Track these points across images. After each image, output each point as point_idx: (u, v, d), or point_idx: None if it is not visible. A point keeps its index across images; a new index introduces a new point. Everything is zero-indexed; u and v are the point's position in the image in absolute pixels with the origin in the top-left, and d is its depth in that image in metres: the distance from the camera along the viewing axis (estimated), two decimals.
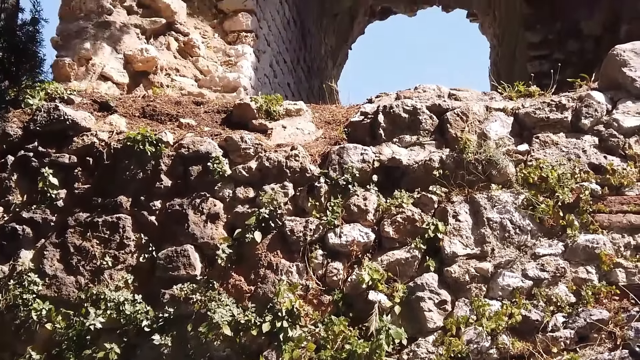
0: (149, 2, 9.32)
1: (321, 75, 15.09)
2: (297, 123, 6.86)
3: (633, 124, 5.84)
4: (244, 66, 9.76)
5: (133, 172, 6.42)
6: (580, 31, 10.15)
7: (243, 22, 10.02)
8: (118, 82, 8.87)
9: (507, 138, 6.03)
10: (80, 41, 8.94)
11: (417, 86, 6.79)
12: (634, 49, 6.00)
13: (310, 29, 13.99)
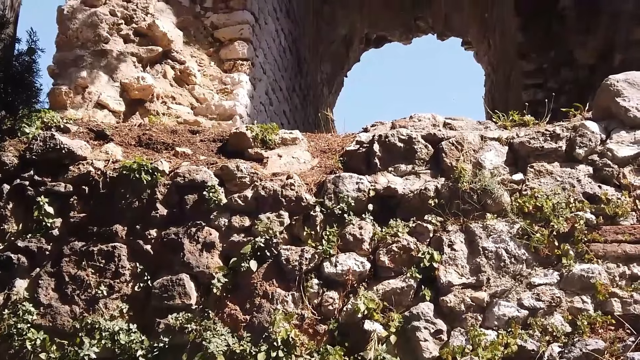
0: (146, 30, 9.36)
1: (317, 102, 15.14)
2: (293, 152, 6.88)
3: (627, 153, 5.86)
4: (240, 94, 9.79)
5: (129, 200, 6.43)
6: (574, 60, 10.21)
7: (239, 50, 10.05)
8: (114, 110, 8.89)
9: (501, 167, 6.05)
10: (76, 69, 8.98)
11: (412, 115, 6.83)
12: (628, 79, 6.04)
13: (306, 56, 14.06)
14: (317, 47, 14.81)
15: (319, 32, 14.80)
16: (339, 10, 15.24)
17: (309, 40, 14.24)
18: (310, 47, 14.36)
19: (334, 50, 15.62)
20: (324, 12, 14.93)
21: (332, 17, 15.21)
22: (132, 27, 9.37)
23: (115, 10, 9.29)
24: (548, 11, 10.59)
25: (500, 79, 12.94)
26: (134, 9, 9.42)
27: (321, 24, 14.88)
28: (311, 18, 14.36)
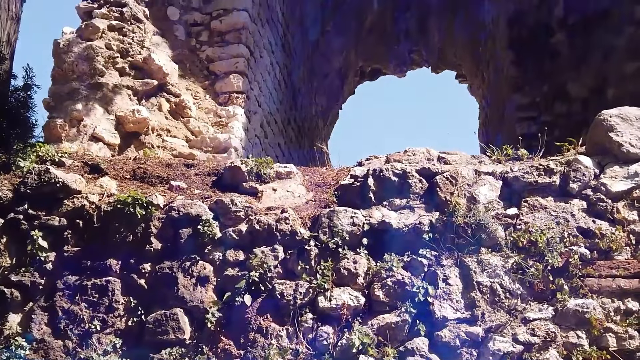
0: (141, 64, 9.41)
1: (312, 134, 15.19)
2: (288, 186, 6.89)
3: (621, 188, 5.88)
4: (234, 127, 9.83)
5: (123, 234, 6.41)
6: (567, 93, 10.28)
7: (234, 83, 10.12)
8: (109, 143, 8.91)
9: (496, 202, 6.06)
10: (72, 102, 9.01)
11: (406, 149, 6.84)
12: (620, 114, 6.07)
13: (300, 89, 14.13)
14: (312, 79, 14.88)
15: (314, 65, 14.89)
16: (334, 44, 15.33)
17: (304, 73, 14.32)
18: (305, 80, 14.43)
19: (328, 83, 15.70)
20: (319, 45, 15.02)
21: (327, 50, 15.30)
22: (128, 60, 9.42)
23: (111, 44, 9.34)
24: (541, 46, 10.67)
25: (494, 112, 13.00)
26: (130, 43, 9.47)
27: (316, 56, 14.97)
28: (306, 51, 14.45)
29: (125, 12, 9.55)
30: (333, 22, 14.99)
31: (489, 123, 13.60)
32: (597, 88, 9.92)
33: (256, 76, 10.87)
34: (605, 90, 9.81)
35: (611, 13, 9.92)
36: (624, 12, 9.84)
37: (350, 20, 15.30)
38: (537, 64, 10.67)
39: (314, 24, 14.58)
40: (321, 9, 14.87)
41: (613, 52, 9.87)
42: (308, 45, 14.50)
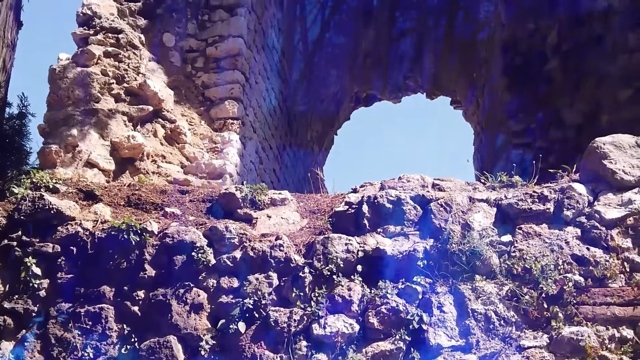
0: (137, 90, 9.43)
1: (307, 160, 15.21)
2: (282, 212, 6.89)
3: (615, 215, 5.88)
4: (230, 153, 9.85)
5: (117, 261, 6.40)
6: (561, 120, 10.31)
7: (229, 109, 10.14)
8: (104, 169, 8.90)
9: (490, 229, 6.06)
10: (67, 128, 9.01)
11: (401, 176, 6.86)
12: (614, 142, 6.10)
13: (296, 114, 14.16)
14: (307, 105, 14.92)
15: (309, 91, 14.94)
16: (329, 70, 15.39)
17: (299, 99, 14.36)
18: (300, 106, 14.46)
19: (324, 109, 15.75)
20: (314, 71, 15.09)
21: (322, 76, 15.36)
22: (124, 86, 9.43)
23: (107, 70, 9.36)
24: (535, 72, 10.73)
25: (488, 138, 13.03)
26: (126, 69, 9.49)
27: (311, 82, 15.03)
28: (301, 77, 14.51)
29: (121, 38, 9.58)
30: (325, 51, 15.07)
31: (484, 149, 13.63)
32: (591, 114, 9.96)
33: (251, 102, 10.90)
34: (599, 116, 9.86)
35: (604, 40, 9.99)
36: (617, 39, 9.91)
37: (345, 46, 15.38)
38: (532, 90, 10.72)
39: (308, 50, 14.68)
40: (316, 35, 14.98)
41: (607, 79, 9.92)
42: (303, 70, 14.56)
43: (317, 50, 14.95)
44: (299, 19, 14.47)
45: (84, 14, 9.65)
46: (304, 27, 14.69)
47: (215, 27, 10.49)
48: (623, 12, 9.93)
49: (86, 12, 9.65)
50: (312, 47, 14.93)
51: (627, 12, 9.91)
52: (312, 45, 14.90)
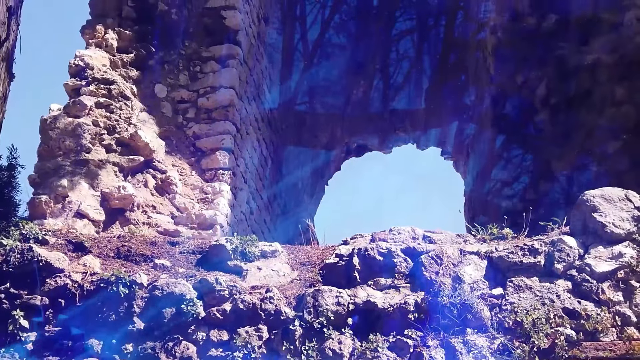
0: (128, 140, 9.43)
1: (298, 210, 15.18)
2: (273, 264, 6.87)
3: (605, 269, 5.88)
4: (220, 204, 9.82)
5: (105, 314, 6.35)
6: (551, 171, 10.35)
7: (220, 160, 10.14)
8: (94, 219, 8.86)
9: (481, 282, 6.05)
10: (57, 179, 8.98)
11: (392, 228, 6.85)
12: (603, 195, 6.13)
13: (287, 165, 14.18)
14: (298, 155, 14.96)
15: (300, 141, 14.98)
16: (320, 120, 15.47)
17: (290, 149, 14.40)
18: (291, 156, 14.50)
19: (314, 159, 15.78)
20: (306, 121, 15.16)
21: (313, 127, 15.42)
22: (115, 137, 9.44)
23: (98, 121, 9.37)
24: (524, 124, 10.80)
25: (479, 189, 13.06)
26: (117, 119, 9.51)
27: (302, 133, 15.08)
28: (292, 128, 14.57)
29: (113, 89, 9.61)
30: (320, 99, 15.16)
31: (474, 200, 13.64)
32: (580, 166, 10.01)
33: (242, 153, 10.92)
34: (588, 168, 9.90)
35: (592, 93, 10.08)
36: (605, 92, 10.01)
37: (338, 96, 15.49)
38: (521, 142, 10.78)
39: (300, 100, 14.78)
40: (308, 84, 15.09)
41: (595, 131, 10.00)
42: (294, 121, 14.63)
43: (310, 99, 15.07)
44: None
45: (76, 65, 9.69)
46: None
47: (207, 78, 10.53)
48: (610, 66, 10.05)
49: (78, 63, 9.69)
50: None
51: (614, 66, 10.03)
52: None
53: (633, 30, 9.97)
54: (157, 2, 10.60)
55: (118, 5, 10.52)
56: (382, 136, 16.19)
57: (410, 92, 15.85)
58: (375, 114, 15.75)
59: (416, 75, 15.84)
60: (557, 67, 10.32)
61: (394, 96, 15.78)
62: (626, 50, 10.01)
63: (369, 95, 15.77)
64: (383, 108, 15.78)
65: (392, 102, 15.79)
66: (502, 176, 11.11)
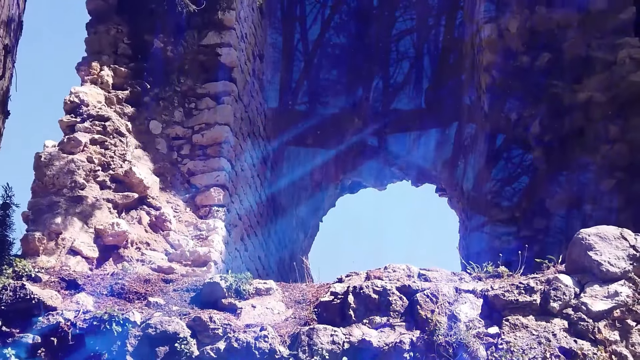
0: (123, 177, 9.42)
1: (292, 247, 15.14)
2: (267, 302, 6.83)
3: (601, 307, 5.87)
4: (215, 240, 9.79)
5: (98, 352, 6.30)
6: (546, 209, 10.37)
7: (215, 196, 10.13)
8: (87, 256, 8.82)
9: (477, 320, 6.02)
10: (51, 215, 8.95)
11: (387, 266, 6.84)
12: (599, 233, 6.13)
13: (281, 202, 14.17)
14: (292, 192, 14.95)
15: (294, 178, 14.99)
16: (314, 157, 15.48)
17: (285, 187, 14.41)
18: (286, 193, 14.50)
19: (309, 196, 15.78)
20: (300, 158, 15.17)
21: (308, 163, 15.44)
22: (109, 173, 9.43)
23: (93, 157, 9.37)
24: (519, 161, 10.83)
25: (474, 226, 13.05)
26: (112, 156, 9.51)
27: (297, 169, 15.09)
28: (286, 164, 14.58)
29: (108, 126, 9.62)
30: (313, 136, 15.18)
31: (469, 237, 13.64)
32: (575, 204, 10.03)
33: (237, 189, 10.91)
34: (582, 206, 9.93)
35: (586, 131, 10.14)
36: (599, 130, 10.07)
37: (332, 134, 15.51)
38: (516, 179, 10.81)
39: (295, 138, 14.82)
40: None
41: (589, 169, 10.04)
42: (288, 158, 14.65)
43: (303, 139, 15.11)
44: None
45: (71, 102, 9.70)
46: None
47: (202, 114, 10.56)
48: (604, 104, 10.12)
49: (74, 100, 9.71)
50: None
51: (608, 104, 10.11)
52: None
53: (626, 69, 10.07)
54: (153, 39, 10.64)
55: (114, 43, 10.57)
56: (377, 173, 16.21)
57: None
58: (371, 149, 15.76)
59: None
60: (551, 105, 10.38)
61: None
62: (619, 88, 10.10)
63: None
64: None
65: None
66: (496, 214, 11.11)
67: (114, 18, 10.70)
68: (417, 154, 15.34)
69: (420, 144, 15.47)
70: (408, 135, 15.61)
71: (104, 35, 10.57)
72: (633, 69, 10.09)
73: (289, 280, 8.39)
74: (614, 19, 10.59)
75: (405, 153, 15.50)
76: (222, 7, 10.77)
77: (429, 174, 15.95)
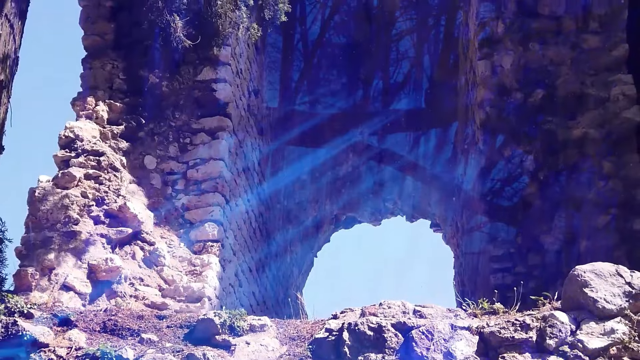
0: (117, 212, 9.41)
1: (287, 283, 15.09)
2: (261, 339, 6.78)
3: (598, 345, 5.84)
4: (209, 276, 9.75)
5: None
6: (540, 245, 10.36)
7: (209, 232, 10.10)
8: (80, 292, 8.77)
9: (473, 357, 5.99)
10: (44, 251, 8.92)
11: (382, 302, 6.81)
12: (594, 270, 6.12)
13: (275, 237, 14.15)
14: (287, 228, 14.95)
15: (289, 213, 15.00)
16: (308, 192, 15.50)
17: (279, 222, 14.40)
18: (280, 228, 14.49)
19: (303, 231, 15.76)
20: (294, 196, 15.20)
21: (302, 199, 15.46)
22: (103, 208, 9.42)
23: (87, 192, 9.36)
24: (513, 197, 10.84)
25: (468, 262, 13.03)
26: (106, 191, 9.50)
27: (291, 205, 15.11)
28: (281, 200, 14.59)
29: (102, 161, 9.62)
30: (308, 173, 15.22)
31: (464, 273, 13.61)
32: (569, 240, 10.03)
33: (231, 224, 10.89)
34: (577, 242, 9.93)
35: (580, 167, 10.18)
36: (593, 166, 10.11)
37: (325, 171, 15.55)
38: (510, 215, 10.80)
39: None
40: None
41: (584, 205, 10.07)
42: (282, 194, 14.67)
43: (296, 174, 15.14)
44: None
45: (66, 136, 9.71)
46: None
47: (196, 150, 10.57)
48: (598, 140, 10.18)
49: (68, 135, 9.72)
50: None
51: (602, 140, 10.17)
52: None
53: (619, 105, 10.15)
54: (148, 74, 10.70)
55: (109, 78, 10.62)
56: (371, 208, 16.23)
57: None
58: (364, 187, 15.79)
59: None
60: (545, 141, 10.42)
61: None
62: (613, 125, 10.16)
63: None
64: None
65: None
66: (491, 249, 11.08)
67: (109, 54, 10.77)
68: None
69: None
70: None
71: (100, 70, 10.63)
72: (626, 106, 10.18)
73: (284, 316, 8.34)
74: (607, 56, 10.70)
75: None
76: (217, 43, 10.82)
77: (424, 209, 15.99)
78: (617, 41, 10.73)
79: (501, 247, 10.59)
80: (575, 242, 9.97)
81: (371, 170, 15.80)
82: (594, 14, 10.88)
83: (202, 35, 10.67)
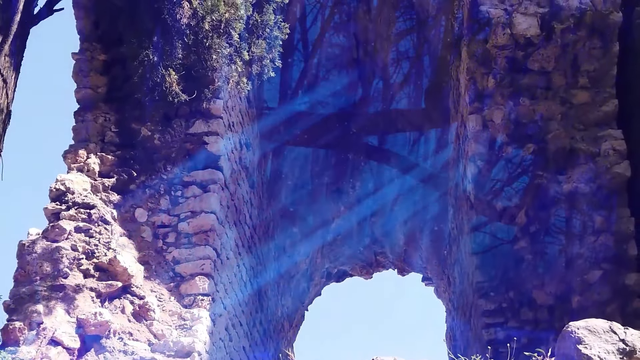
0: (107, 265, 9.35)
1: (277, 336, 14.98)
2: None
3: None
4: (199, 330, 9.65)
5: None
6: (533, 300, 10.35)
7: (200, 285, 10.03)
8: (69, 346, 8.66)
9: None
10: (32, 304, 8.84)
11: (374, 358, 6.75)
12: (588, 327, 6.08)
13: (267, 291, 14.09)
14: (278, 282, 14.89)
15: (279, 269, 14.96)
16: (300, 246, 15.49)
17: (270, 275, 14.34)
18: (271, 282, 14.43)
19: (295, 285, 15.71)
20: (286, 247, 15.17)
21: (293, 252, 15.43)
22: (93, 261, 9.35)
23: (77, 245, 9.31)
24: (505, 252, 10.85)
25: (460, 317, 12.98)
26: (96, 244, 9.45)
27: (282, 258, 15.07)
28: (272, 253, 14.55)
29: (93, 214, 9.59)
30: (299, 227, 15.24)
31: (456, 328, 13.54)
32: (562, 296, 10.04)
33: (222, 278, 10.82)
34: (570, 298, 9.94)
35: (572, 222, 10.24)
36: (585, 221, 10.17)
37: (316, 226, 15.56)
38: (502, 270, 10.79)
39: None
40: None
41: (576, 260, 10.11)
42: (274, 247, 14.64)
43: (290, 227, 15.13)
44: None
45: (57, 189, 9.69)
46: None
47: (188, 203, 10.54)
48: (588, 195, 10.25)
49: (59, 187, 9.70)
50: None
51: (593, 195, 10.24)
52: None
53: (610, 160, 10.24)
54: (140, 127, 10.72)
55: (101, 131, 10.64)
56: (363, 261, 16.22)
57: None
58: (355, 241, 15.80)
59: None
60: (536, 196, 10.47)
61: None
62: (603, 180, 10.23)
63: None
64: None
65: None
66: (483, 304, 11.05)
67: (101, 106, 10.81)
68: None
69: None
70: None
71: (92, 123, 10.64)
72: (617, 161, 10.27)
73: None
74: (597, 112, 10.82)
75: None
76: (209, 97, 10.88)
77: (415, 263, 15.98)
78: (606, 97, 10.86)
79: (493, 301, 10.57)
80: (567, 298, 9.98)
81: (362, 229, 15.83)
82: (583, 70, 11.03)
83: (196, 89, 10.72)
